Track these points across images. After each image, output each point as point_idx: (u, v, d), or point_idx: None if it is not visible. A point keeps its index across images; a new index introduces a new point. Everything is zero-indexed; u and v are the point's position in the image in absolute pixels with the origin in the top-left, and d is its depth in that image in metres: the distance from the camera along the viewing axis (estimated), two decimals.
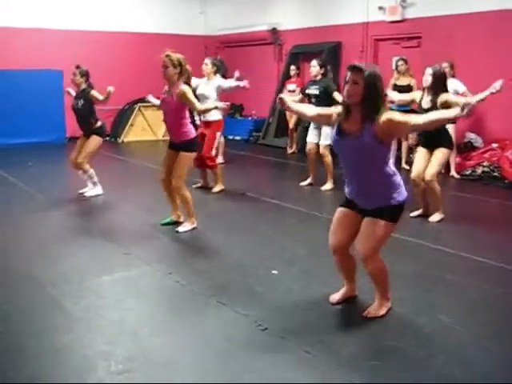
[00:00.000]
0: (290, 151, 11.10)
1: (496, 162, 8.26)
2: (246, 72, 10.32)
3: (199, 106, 5.46)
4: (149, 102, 6.11)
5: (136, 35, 12.76)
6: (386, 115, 3.29)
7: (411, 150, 9.47)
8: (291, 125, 10.94)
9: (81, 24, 12.13)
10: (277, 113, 12.06)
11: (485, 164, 8.33)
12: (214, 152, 7.46)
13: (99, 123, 6.95)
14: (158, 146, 11.54)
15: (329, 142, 6.83)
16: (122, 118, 12.67)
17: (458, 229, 5.97)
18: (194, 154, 5.58)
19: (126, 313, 3.72)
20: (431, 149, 6.03)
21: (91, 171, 7.00)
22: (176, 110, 5.32)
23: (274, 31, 12.68)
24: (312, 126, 7.63)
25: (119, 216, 6.12)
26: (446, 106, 5.57)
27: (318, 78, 7.59)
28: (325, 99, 7.20)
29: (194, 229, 5.57)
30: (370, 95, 3.30)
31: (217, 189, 7.43)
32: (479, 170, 8.34)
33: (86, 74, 6.81)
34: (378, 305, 3.68)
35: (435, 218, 6.07)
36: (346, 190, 3.63)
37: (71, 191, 7.37)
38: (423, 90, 6.10)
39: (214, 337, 3.37)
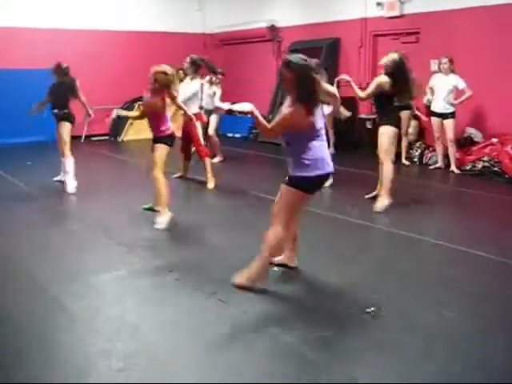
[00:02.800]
0: None
1: (496, 157, 8.24)
2: (244, 69, 10.33)
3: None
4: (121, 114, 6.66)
5: (134, 33, 12.73)
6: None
7: (411, 146, 9.46)
8: None
9: (79, 23, 12.11)
10: (276, 110, 12.04)
11: (485, 159, 8.32)
12: (203, 142, 7.76)
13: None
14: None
15: None
16: (122, 117, 12.62)
17: (458, 224, 5.97)
18: (167, 147, 5.75)
19: (125, 310, 3.72)
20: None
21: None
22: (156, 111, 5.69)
23: (272, 28, 12.66)
24: None
25: (119, 215, 6.11)
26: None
27: None
28: None
29: (169, 219, 5.62)
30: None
31: (211, 185, 7.53)
32: (479, 165, 8.33)
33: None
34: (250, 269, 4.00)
35: (378, 204, 6.14)
36: None
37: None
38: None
39: (214, 334, 3.36)
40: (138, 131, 12.22)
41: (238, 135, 12.72)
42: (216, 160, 9.13)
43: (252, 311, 3.65)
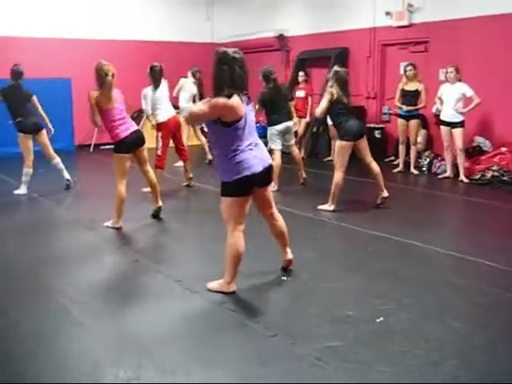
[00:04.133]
0: None
1: (505, 166, 8.21)
2: (253, 79, 10.22)
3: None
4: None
5: (143, 43, 12.81)
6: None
7: (419, 155, 9.44)
8: (300, 131, 10.91)
9: (89, 33, 12.24)
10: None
11: (494, 168, 8.28)
12: (159, 151, 7.68)
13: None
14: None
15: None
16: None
17: (467, 233, 5.95)
18: (120, 155, 5.71)
19: (134, 320, 3.72)
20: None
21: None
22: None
23: (281, 37, 12.71)
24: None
25: (126, 224, 6.11)
26: None
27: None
28: None
29: (116, 228, 5.78)
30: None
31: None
32: (489, 174, 8.29)
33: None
34: (221, 282, 4.08)
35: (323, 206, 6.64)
36: None
37: (80, 199, 7.41)
38: None
39: (223, 345, 3.36)
40: (147, 140, 12.21)
41: None
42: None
43: (262, 321, 3.64)
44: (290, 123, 7.98)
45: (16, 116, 7.51)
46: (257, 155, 3.95)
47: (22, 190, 7.64)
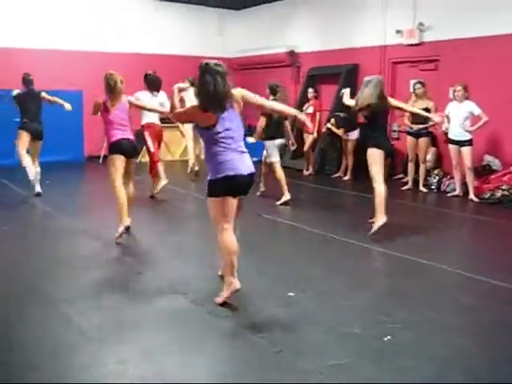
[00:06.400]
0: (306, 173, 11.07)
1: None
2: (263, 94, 10.27)
3: None
4: None
5: (153, 57, 12.87)
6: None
7: (429, 173, 9.41)
8: (306, 146, 10.93)
9: (101, 46, 12.38)
10: (293, 134, 12.07)
11: (504, 187, 8.23)
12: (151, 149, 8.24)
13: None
14: (174, 167, 11.56)
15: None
16: (139, 138, 12.71)
17: (475, 252, 5.90)
18: (113, 156, 5.90)
19: (138, 332, 3.70)
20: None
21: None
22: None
23: (291, 53, 12.78)
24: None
25: (133, 237, 6.11)
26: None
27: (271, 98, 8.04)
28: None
29: (126, 229, 5.82)
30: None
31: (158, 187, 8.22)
32: (498, 194, 8.23)
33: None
34: (225, 289, 4.15)
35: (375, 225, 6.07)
36: None
37: (85, 209, 7.43)
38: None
39: (228, 359, 3.33)
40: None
41: (254, 159, 12.70)
42: None
43: (267, 337, 3.62)
44: (283, 140, 8.28)
45: (24, 117, 8.14)
46: (239, 159, 4.07)
47: (37, 188, 8.08)
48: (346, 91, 6.61)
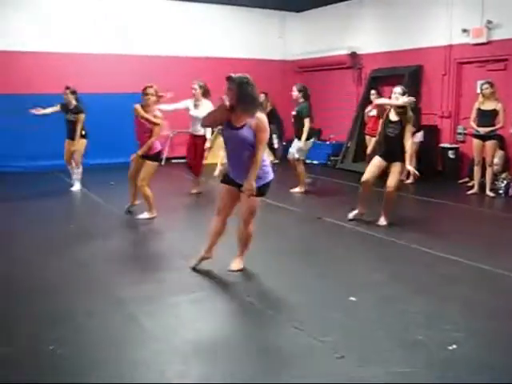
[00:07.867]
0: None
1: None
2: (324, 96, 10.33)
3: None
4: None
5: (217, 60, 12.98)
6: (257, 116, 4.37)
7: (496, 177, 9.09)
8: (369, 149, 10.75)
9: (158, 49, 12.59)
10: (355, 137, 11.95)
11: None
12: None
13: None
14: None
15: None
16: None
17: (493, 247, 5.78)
18: (156, 164, 7.08)
19: (202, 333, 3.74)
20: (389, 161, 6.68)
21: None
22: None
23: (353, 55, 12.64)
24: None
25: (198, 238, 6.18)
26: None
27: (300, 101, 8.75)
28: (298, 120, 8.74)
29: (152, 218, 6.91)
30: (243, 98, 4.30)
31: (194, 190, 8.85)
32: None
33: (74, 93, 8.98)
34: (238, 261, 4.96)
35: (383, 221, 6.70)
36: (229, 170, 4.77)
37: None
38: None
39: (290, 363, 3.32)
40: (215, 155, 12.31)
41: (315, 162, 12.69)
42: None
43: (330, 341, 3.58)
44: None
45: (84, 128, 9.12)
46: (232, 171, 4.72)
47: (77, 186, 9.13)
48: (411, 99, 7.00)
